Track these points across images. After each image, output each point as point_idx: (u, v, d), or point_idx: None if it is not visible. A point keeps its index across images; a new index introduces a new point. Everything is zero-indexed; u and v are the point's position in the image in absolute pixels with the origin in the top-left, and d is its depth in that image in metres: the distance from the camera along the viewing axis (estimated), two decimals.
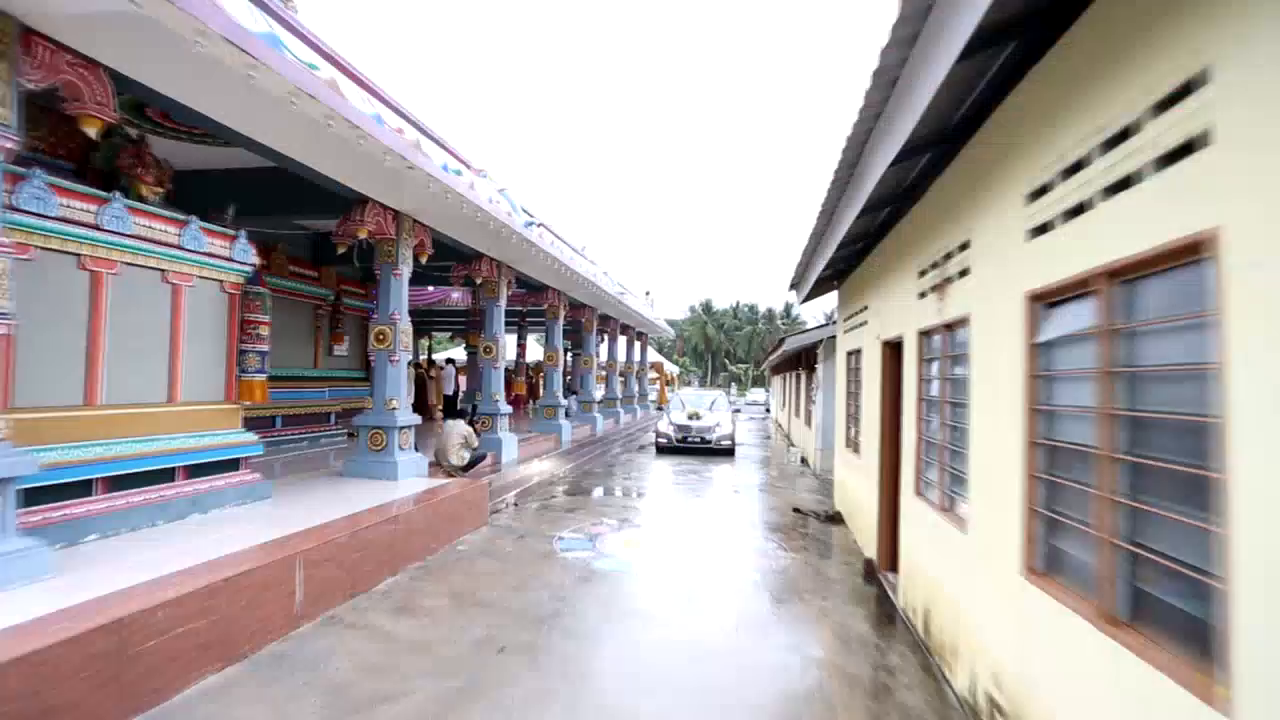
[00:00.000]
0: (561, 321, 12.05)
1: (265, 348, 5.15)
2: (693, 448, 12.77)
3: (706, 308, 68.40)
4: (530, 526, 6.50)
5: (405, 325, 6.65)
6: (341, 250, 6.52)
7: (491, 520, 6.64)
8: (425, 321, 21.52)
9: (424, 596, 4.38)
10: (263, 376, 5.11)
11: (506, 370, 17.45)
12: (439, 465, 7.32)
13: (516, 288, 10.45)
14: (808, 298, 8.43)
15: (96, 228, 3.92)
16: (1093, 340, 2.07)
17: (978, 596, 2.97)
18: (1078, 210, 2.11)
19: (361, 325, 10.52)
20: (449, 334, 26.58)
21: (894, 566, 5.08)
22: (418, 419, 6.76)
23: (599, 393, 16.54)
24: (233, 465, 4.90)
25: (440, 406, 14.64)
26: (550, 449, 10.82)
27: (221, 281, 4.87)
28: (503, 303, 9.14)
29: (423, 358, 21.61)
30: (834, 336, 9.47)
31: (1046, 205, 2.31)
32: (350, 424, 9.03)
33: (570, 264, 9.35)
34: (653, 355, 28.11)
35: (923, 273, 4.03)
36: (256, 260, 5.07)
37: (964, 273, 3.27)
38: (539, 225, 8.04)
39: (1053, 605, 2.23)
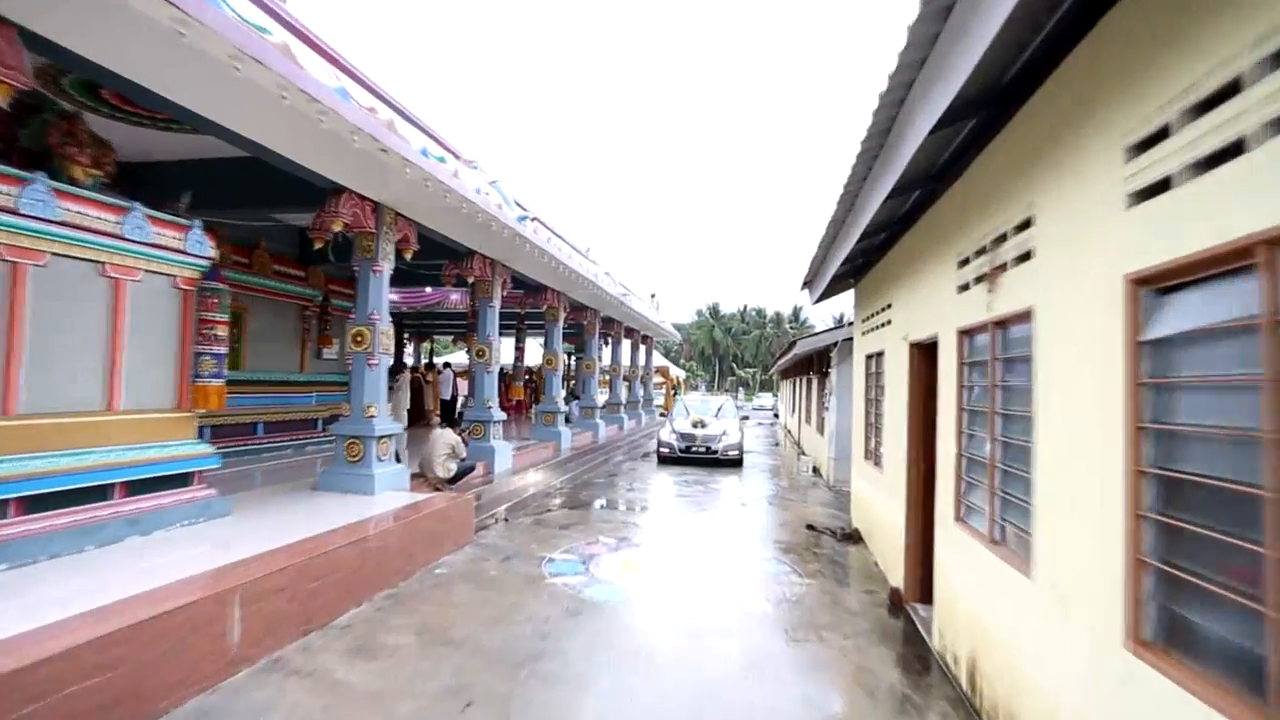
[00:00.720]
0: (561, 324, 11.53)
1: (223, 350, 4.64)
2: (697, 458, 12.11)
3: (714, 311, 67.82)
4: (519, 546, 5.95)
5: (385, 326, 6.15)
6: (319, 245, 6.03)
7: (477, 538, 6.10)
8: (426, 325, 21.12)
9: (388, 632, 3.84)
10: (220, 381, 4.61)
11: (504, 374, 17.02)
12: (424, 477, 6.80)
13: (513, 288, 9.94)
14: (822, 297, 7.86)
15: (13, 212, 3.43)
16: (1244, 335, 1.50)
17: (1049, 658, 2.39)
18: (1219, 158, 1.54)
19: None
20: (451, 337, 26.15)
21: (924, 597, 4.49)
22: (398, 427, 6.25)
23: (602, 397, 16.00)
24: (183, 480, 4.39)
25: (437, 412, 14.14)
26: (548, 458, 10.29)
27: (173, 276, 4.38)
28: (497, 303, 8.63)
29: (423, 361, 21.19)
30: (850, 339, 8.88)
31: (1162, 157, 1.75)
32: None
33: (568, 262, 8.83)
34: (659, 359, 27.57)
35: (964, 262, 3.46)
36: (214, 253, 4.58)
37: (1024, 257, 2.71)
38: (533, 219, 7.54)
39: (1175, 693, 1.66)
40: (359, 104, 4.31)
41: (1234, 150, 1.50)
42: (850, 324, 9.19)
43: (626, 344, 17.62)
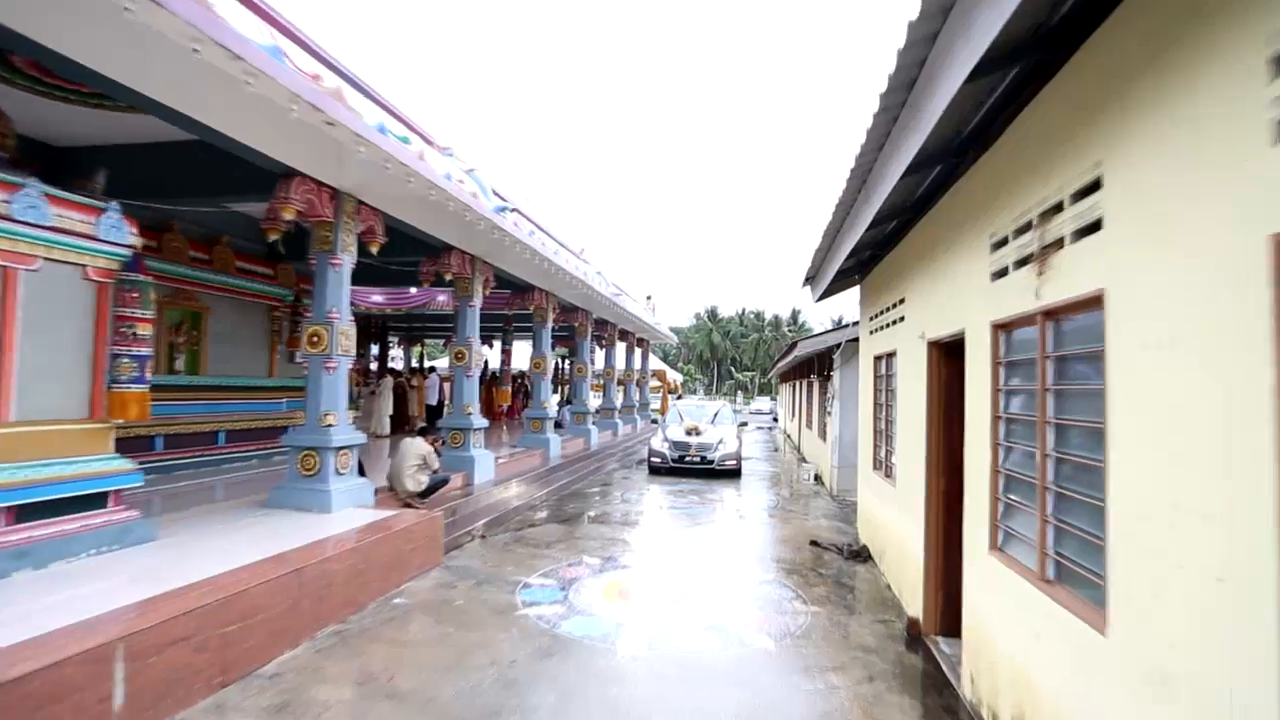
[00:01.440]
0: (550, 325, 10.95)
1: (146, 351, 4.07)
2: (692, 468, 11.37)
3: (712, 315, 67.34)
4: (493, 568, 5.37)
5: (345, 325, 5.59)
6: (273, 237, 5.46)
7: (447, 559, 5.52)
8: (415, 328, 20.56)
9: (322, 684, 3.26)
10: (142, 387, 4.03)
11: (492, 379, 16.42)
12: (393, 492, 6.22)
13: (499, 287, 9.37)
14: (824, 295, 7.32)
15: None
16: None
17: None
18: None
19: None
20: (441, 341, 25.57)
21: (948, 630, 3.94)
22: (360, 438, 5.67)
23: (595, 402, 15.41)
24: (95, 501, 3.81)
25: (422, 418, 13.55)
26: (535, 467, 9.71)
27: (82, 266, 3.81)
28: (478, 303, 8.06)
29: (411, 366, 20.61)
30: (854, 339, 8.34)
31: None
32: None
33: (553, 258, 8.27)
34: (657, 363, 26.99)
35: (1001, 243, 2.91)
36: (134, 240, 4.01)
37: (1087, 230, 2.16)
38: (513, 211, 6.98)
39: None
40: (297, 67, 3.75)
41: None
42: (853, 324, 8.65)
43: (621, 347, 17.05)
